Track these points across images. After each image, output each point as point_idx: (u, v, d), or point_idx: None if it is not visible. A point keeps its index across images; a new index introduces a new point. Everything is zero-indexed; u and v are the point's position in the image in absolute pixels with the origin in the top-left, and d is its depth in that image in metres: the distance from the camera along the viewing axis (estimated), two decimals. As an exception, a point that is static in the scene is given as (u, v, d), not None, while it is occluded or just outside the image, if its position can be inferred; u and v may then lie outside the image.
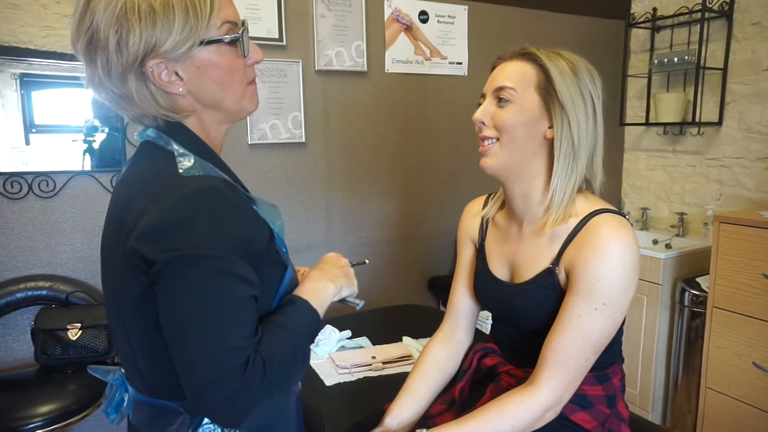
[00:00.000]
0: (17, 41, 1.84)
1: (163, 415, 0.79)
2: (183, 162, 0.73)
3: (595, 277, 0.89)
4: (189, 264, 0.66)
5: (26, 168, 1.90)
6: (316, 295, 0.84)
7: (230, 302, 0.69)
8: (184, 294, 0.67)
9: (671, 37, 2.79)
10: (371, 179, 2.52)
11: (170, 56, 0.72)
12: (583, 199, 0.99)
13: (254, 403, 0.71)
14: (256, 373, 0.69)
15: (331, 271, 0.90)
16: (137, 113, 0.78)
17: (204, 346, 0.67)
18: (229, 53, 0.77)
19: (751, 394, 1.98)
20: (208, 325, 0.67)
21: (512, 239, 1.06)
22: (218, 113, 0.80)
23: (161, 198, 0.68)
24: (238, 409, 0.69)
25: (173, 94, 0.75)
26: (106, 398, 0.88)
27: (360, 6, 2.35)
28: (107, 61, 0.72)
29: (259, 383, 0.69)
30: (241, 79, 0.80)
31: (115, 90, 0.74)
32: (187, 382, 0.69)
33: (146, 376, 0.80)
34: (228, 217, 0.70)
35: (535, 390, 0.91)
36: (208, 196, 0.70)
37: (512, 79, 0.96)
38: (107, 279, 0.81)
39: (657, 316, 2.41)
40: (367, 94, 2.45)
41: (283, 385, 0.76)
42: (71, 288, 1.92)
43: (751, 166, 2.49)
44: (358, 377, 1.55)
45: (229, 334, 0.68)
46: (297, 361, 0.77)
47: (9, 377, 1.82)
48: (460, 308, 1.18)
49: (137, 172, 0.78)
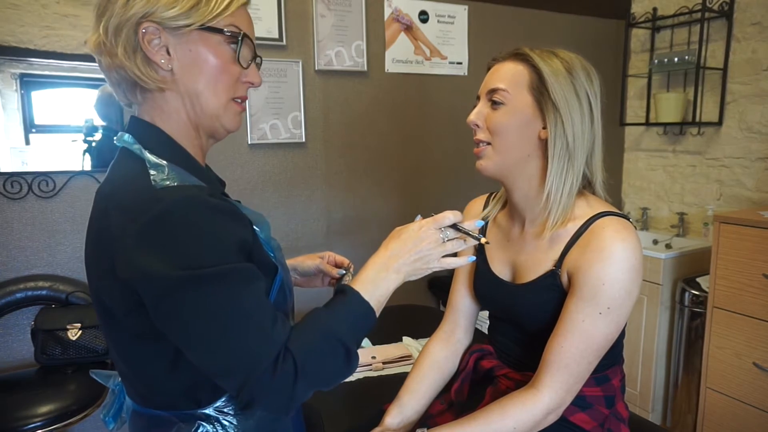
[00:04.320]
0: (17, 41, 1.84)
1: (156, 425, 0.79)
2: (155, 174, 0.70)
3: (599, 281, 0.89)
4: (187, 284, 0.65)
5: (26, 168, 1.90)
6: (371, 286, 0.78)
7: (240, 308, 0.68)
8: (195, 311, 0.66)
9: (671, 37, 2.79)
10: (371, 179, 2.51)
11: (168, 25, 0.72)
12: (584, 201, 0.98)
13: (296, 397, 0.70)
14: (287, 370, 0.68)
15: (399, 256, 0.80)
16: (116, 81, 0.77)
17: (229, 356, 0.67)
18: (226, 55, 0.77)
19: (751, 394, 1.98)
20: (229, 335, 0.67)
21: (514, 240, 1.06)
22: (197, 107, 0.78)
23: (138, 217, 0.66)
24: (282, 402, 0.69)
25: (154, 62, 0.74)
26: (104, 406, 0.88)
27: (360, 6, 2.35)
28: (114, 13, 0.72)
29: (292, 381, 0.68)
30: (229, 86, 0.78)
31: (107, 43, 0.74)
32: (226, 386, 0.71)
33: (137, 386, 0.80)
34: (212, 222, 0.69)
35: (537, 393, 0.91)
36: (186, 206, 0.68)
37: (505, 80, 0.95)
38: (91, 288, 0.79)
39: (657, 316, 2.41)
40: (367, 94, 2.45)
41: (323, 381, 0.73)
42: (71, 288, 1.92)
43: (752, 166, 2.49)
44: (358, 377, 1.55)
45: (249, 338, 0.67)
46: (337, 358, 0.73)
47: (9, 377, 1.82)
48: (459, 308, 1.18)
49: (113, 182, 0.75)
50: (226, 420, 0.77)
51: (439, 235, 0.83)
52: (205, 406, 0.77)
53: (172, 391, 0.77)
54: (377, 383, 1.52)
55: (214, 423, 0.77)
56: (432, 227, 0.83)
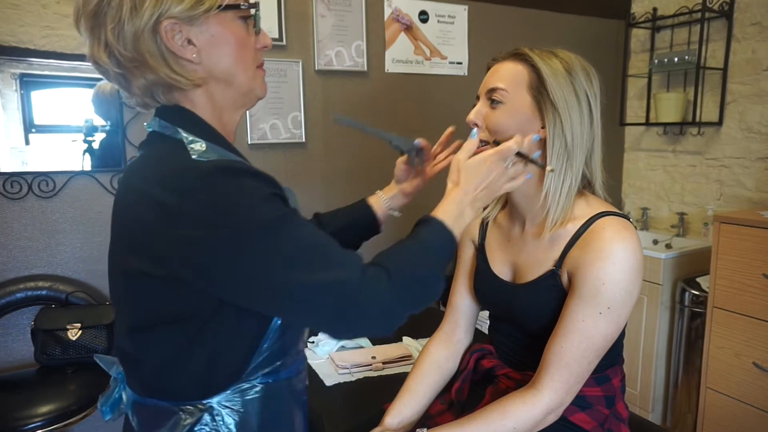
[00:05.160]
0: (17, 41, 1.84)
1: (156, 415, 0.78)
2: (194, 147, 0.71)
3: (599, 281, 0.89)
4: (251, 236, 0.65)
5: (26, 168, 1.90)
6: (452, 218, 0.82)
7: (311, 239, 0.69)
8: (271, 255, 0.66)
9: (671, 37, 2.79)
10: (371, 179, 2.51)
11: (185, 16, 0.71)
12: (584, 201, 0.98)
13: (392, 304, 0.71)
14: (379, 275, 0.70)
15: (471, 192, 0.85)
16: (144, 88, 0.75)
17: (318, 282, 0.67)
18: (241, 28, 0.78)
19: (751, 394, 1.98)
20: (312, 262, 0.67)
21: (515, 240, 1.06)
22: (229, 91, 0.79)
23: (185, 191, 0.66)
24: (379, 309, 0.70)
25: (185, 59, 0.73)
26: (103, 395, 0.87)
27: (360, 6, 2.35)
28: (119, 22, 0.70)
29: (386, 283, 0.70)
30: (252, 57, 0.80)
31: (127, 54, 0.72)
32: (320, 320, 0.70)
33: (143, 372, 0.78)
34: (258, 178, 0.69)
35: (537, 393, 0.91)
36: (230, 170, 0.68)
37: (504, 80, 0.95)
38: (115, 275, 0.78)
39: (657, 316, 2.41)
40: (367, 94, 2.45)
41: (417, 294, 0.75)
42: (71, 288, 1.92)
43: (752, 166, 2.49)
44: (358, 377, 1.55)
45: (332, 258, 0.69)
46: (426, 268, 0.76)
47: (9, 377, 1.82)
48: (459, 308, 1.18)
49: (147, 162, 0.75)
50: (229, 415, 0.76)
51: (504, 165, 0.88)
52: (212, 395, 0.76)
53: (181, 378, 0.76)
54: (377, 383, 1.52)
55: (216, 417, 0.76)
56: (497, 159, 0.87)
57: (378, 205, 1.13)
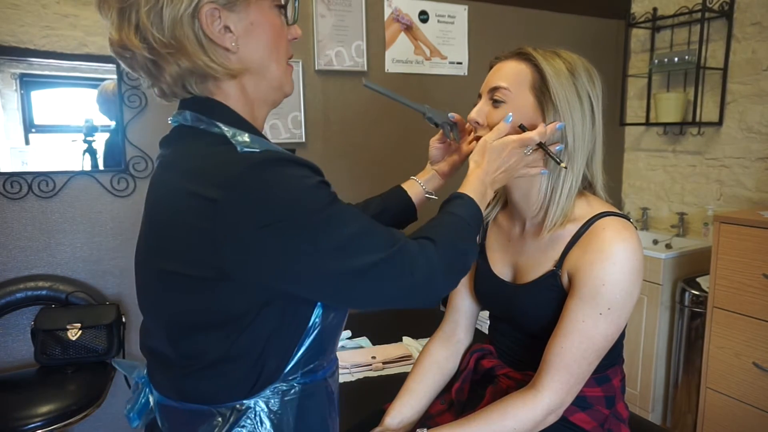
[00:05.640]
0: (17, 41, 1.84)
1: (193, 420, 0.75)
2: (239, 140, 0.68)
3: (600, 282, 0.89)
4: (308, 226, 0.65)
5: (26, 168, 1.90)
6: (479, 195, 0.88)
7: (358, 222, 0.70)
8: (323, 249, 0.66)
9: (671, 37, 2.79)
10: (371, 179, 2.51)
11: (225, 1, 0.69)
12: (584, 202, 0.98)
13: (440, 272, 0.74)
14: (426, 249, 0.73)
15: (492, 173, 0.90)
16: (176, 76, 0.72)
17: (373, 262, 0.68)
18: (277, 17, 0.76)
19: (751, 394, 1.98)
20: (364, 245, 0.69)
21: (515, 240, 1.06)
22: (262, 83, 0.77)
23: (236, 185, 0.64)
24: (428, 272, 0.73)
25: (222, 47, 0.71)
26: (129, 401, 0.84)
27: (360, 6, 2.35)
28: (156, 4, 0.67)
29: (433, 251, 0.73)
30: (285, 48, 0.78)
31: (162, 39, 0.68)
32: (381, 298, 0.73)
33: (180, 377, 0.75)
34: (305, 167, 0.69)
35: (537, 393, 0.91)
36: (280, 158, 0.66)
37: (507, 79, 0.95)
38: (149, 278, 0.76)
39: (657, 316, 2.41)
40: (367, 94, 2.45)
41: (459, 269, 0.79)
42: (71, 288, 1.92)
43: (752, 166, 2.49)
44: (358, 377, 1.55)
45: (382, 237, 0.71)
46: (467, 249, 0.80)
47: (9, 377, 1.82)
48: (460, 308, 1.18)
49: (184, 158, 0.72)
50: (266, 416, 0.75)
51: (523, 152, 0.92)
52: (251, 396, 0.74)
53: (223, 381, 0.74)
54: (377, 383, 1.52)
55: (253, 418, 0.74)
56: (518, 146, 0.91)
57: (413, 190, 1.12)
